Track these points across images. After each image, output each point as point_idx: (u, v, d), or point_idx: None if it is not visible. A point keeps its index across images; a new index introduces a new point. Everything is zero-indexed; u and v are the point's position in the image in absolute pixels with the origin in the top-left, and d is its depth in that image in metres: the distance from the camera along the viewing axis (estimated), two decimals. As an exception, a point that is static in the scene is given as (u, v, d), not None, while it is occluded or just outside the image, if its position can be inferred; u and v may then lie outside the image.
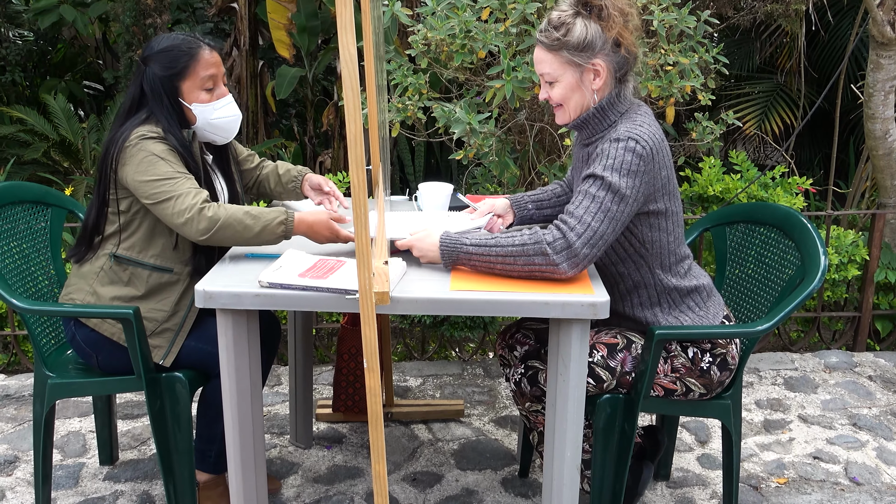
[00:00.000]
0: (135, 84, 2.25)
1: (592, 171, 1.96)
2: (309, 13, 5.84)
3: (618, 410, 2.16)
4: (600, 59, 2.02)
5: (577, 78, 2.05)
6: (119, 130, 2.20)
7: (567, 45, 2.01)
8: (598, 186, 1.94)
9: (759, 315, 2.43)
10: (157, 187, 2.10)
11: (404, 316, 3.56)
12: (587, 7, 2.01)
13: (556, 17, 2.03)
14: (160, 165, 2.11)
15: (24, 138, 6.22)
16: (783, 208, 2.43)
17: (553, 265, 1.89)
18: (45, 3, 6.08)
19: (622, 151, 1.95)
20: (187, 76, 2.22)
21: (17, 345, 3.56)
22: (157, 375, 2.24)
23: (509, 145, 3.30)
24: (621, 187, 1.93)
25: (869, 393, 3.39)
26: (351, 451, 2.91)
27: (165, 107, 2.21)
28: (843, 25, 6.05)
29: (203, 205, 2.07)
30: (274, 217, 2.08)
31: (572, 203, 1.96)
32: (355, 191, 1.60)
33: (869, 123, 3.84)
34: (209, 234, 2.06)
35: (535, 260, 1.90)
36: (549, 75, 2.07)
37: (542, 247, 1.89)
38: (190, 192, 2.09)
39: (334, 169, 5.58)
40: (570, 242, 1.89)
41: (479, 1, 3.06)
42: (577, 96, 2.07)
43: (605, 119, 2.08)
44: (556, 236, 1.90)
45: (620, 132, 1.99)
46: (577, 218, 1.91)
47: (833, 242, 3.70)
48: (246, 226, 2.06)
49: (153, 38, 2.29)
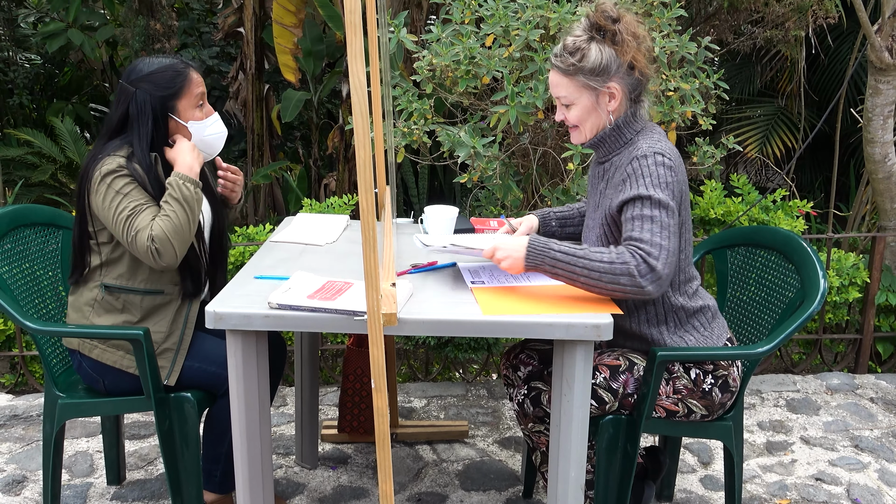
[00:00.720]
0: (120, 107, 2.29)
1: (637, 192, 2.00)
2: (314, 38, 5.92)
3: (620, 431, 2.18)
4: (615, 83, 2.08)
5: (592, 101, 2.11)
6: (93, 158, 2.26)
7: (583, 70, 2.06)
8: (650, 206, 1.98)
9: (760, 337, 2.45)
10: (119, 227, 2.19)
11: (408, 337, 3.59)
12: (601, 32, 2.07)
13: (572, 42, 2.08)
14: (119, 203, 2.19)
15: (31, 161, 6.29)
16: (783, 232, 2.47)
17: (639, 287, 1.92)
18: (53, 28, 6.16)
19: (654, 167, 2.01)
20: (183, 95, 2.30)
21: (24, 365, 3.59)
22: (165, 396, 2.27)
23: (513, 169, 3.34)
24: (668, 200, 1.99)
25: (871, 415, 3.41)
26: (356, 472, 2.93)
27: (149, 128, 2.26)
28: (842, 50, 6.11)
29: (155, 239, 2.16)
30: (177, 187, 2.22)
31: (633, 229, 1.98)
32: (364, 214, 1.64)
33: (868, 147, 3.88)
34: (174, 257, 2.20)
35: (622, 280, 1.92)
36: (566, 98, 2.13)
37: (629, 268, 1.91)
38: (144, 229, 2.17)
39: (339, 191, 5.63)
40: (652, 266, 1.92)
41: (483, 28, 3.11)
42: (593, 118, 2.13)
43: (622, 137, 2.14)
44: (637, 261, 1.93)
45: (643, 148, 2.04)
46: (648, 242, 1.95)
47: (834, 265, 3.73)
48: (181, 221, 2.20)
49: (135, 62, 2.34)
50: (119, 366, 2.29)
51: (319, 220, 2.78)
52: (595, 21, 2.07)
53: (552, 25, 3.01)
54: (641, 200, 1.99)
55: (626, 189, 2.03)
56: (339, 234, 2.64)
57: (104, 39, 6.20)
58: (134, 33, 4.60)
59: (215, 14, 7.63)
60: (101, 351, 2.30)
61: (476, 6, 3.20)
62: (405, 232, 2.71)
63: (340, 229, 2.68)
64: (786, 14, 4.71)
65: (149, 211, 2.20)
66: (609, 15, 2.06)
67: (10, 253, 2.44)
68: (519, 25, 3.03)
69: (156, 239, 2.16)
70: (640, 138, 2.12)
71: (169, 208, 2.21)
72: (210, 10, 7.75)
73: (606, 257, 1.94)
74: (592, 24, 2.08)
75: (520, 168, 3.47)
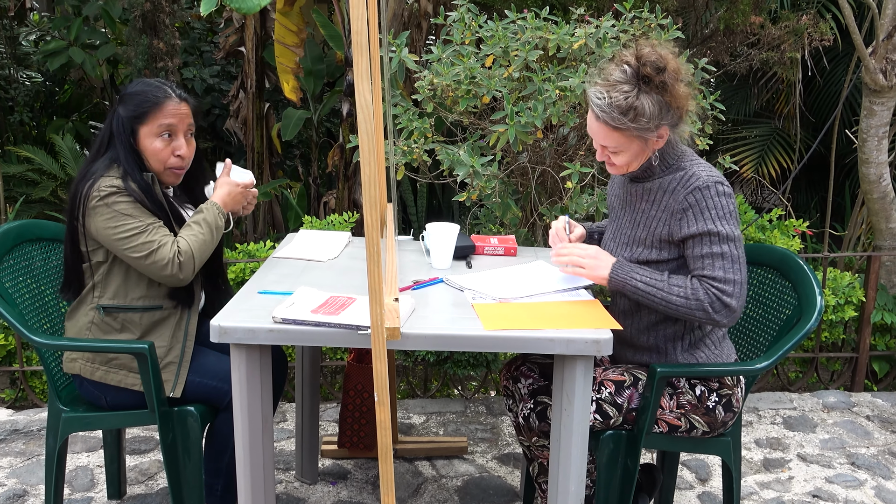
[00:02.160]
0: (107, 122, 2.33)
1: (705, 228, 2.05)
2: (315, 57, 5.97)
3: (621, 446, 2.21)
4: (664, 126, 2.08)
5: (642, 146, 2.12)
6: (84, 178, 2.27)
7: (638, 125, 2.05)
8: (719, 242, 2.05)
9: (757, 355, 2.48)
10: (130, 244, 2.21)
11: (408, 354, 3.61)
12: (647, 82, 2.04)
13: (623, 99, 2.03)
14: (126, 222, 2.21)
15: (32, 177, 6.32)
16: (780, 250, 2.50)
17: (714, 321, 2.05)
18: (55, 46, 6.20)
19: (717, 198, 2.06)
20: (146, 121, 2.29)
21: (24, 381, 3.61)
22: (169, 409, 2.29)
23: (512, 187, 3.37)
24: (734, 231, 2.05)
25: (867, 432, 3.43)
26: (356, 487, 2.94)
27: (125, 148, 2.28)
28: (837, 72, 6.18)
29: (179, 254, 2.22)
30: (213, 214, 2.33)
31: (705, 267, 2.06)
32: (368, 231, 1.67)
33: (863, 168, 3.92)
34: (192, 273, 2.26)
35: (697, 314, 2.05)
36: (614, 148, 2.13)
37: (703, 305, 2.03)
38: (164, 245, 2.21)
39: (339, 209, 5.66)
40: (726, 304, 2.03)
41: (483, 48, 3.16)
42: (640, 158, 2.15)
43: (664, 162, 2.16)
44: (711, 299, 2.03)
45: (703, 178, 2.07)
46: (722, 280, 2.04)
47: (830, 284, 3.77)
48: (205, 241, 2.27)
49: (134, 79, 2.38)
50: (123, 385, 2.31)
51: (321, 237, 2.81)
52: (643, 74, 2.03)
53: (551, 46, 3.06)
54: (710, 236, 2.05)
55: (691, 221, 2.07)
56: (340, 250, 2.67)
57: (105, 58, 6.24)
58: (137, 52, 4.64)
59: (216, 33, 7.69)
60: (103, 373, 2.31)
61: (476, 27, 3.25)
62: (406, 249, 2.74)
63: (342, 245, 2.71)
64: (781, 36, 4.77)
65: (162, 228, 2.24)
66: (657, 66, 2.03)
67: (15, 268, 2.46)
68: (518, 46, 3.07)
69: (183, 253, 2.22)
70: (687, 163, 2.14)
71: (199, 228, 2.27)
72: (211, 29, 7.81)
73: (683, 292, 2.05)
74: (640, 76, 2.04)
75: (519, 186, 3.51)
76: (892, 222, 3.94)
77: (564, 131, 3.22)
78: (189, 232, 2.27)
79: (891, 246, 3.95)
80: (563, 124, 3.06)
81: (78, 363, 2.34)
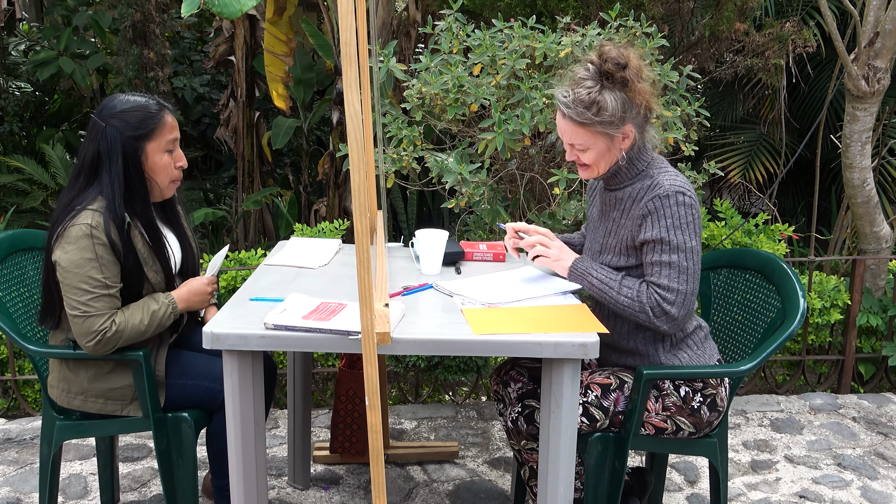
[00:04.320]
0: (91, 143, 2.25)
1: (657, 235, 2.11)
2: (304, 66, 6.00)
3: (609, 449, 2.24)
4: (629, 124, 2.13)
5: (608, 144, 2.16)
6: (65, 211, 2.22)
7: (601, 119, 2.11)
8: (669, 251, 2.10)
9: (743, 357, 2.52)
10: (75, 297, 2.16)
11: (399, 360, 3.63)
12: (610, 79, 2.10)
13: (586, 94, 2.10)
14: (89, 278, 2.16)
15: (22, 187, 6.33)
16: (764, 253, 2.54)
17: (655, 325, 2.13)
18: (45, 56, 6.22)
19: (676, 207, 2.10)
20: (153, 137, 2.27)
21: (17, 389, 3.62)
22: (163, 416, 2.31)
23: (500, 194, 3.41)
24: (687, 242, 2.10)
25: (853, 434, 3.48)
26: (348, 492, 2.96)
27: (119, 168, 2.22)
28: (821, 78, 6.25)
29: (107, 331, 2.17)
30: (164, 312, 2.27)
31: (652, 273, 2.13)
32: (358, 237, 1.70)
33: (847, 172, 3.97)
34: (109, 352, 2.22)
35: (640, 316, 2.14)
36: (580, 145, 2.18)
37: (645, 308, 2.11)
38: (101, 315, 2.17)
39: (329, 217, 5.69)
40: (665, 311, 2.10)
41: (470, 57, 3.20)
42: (607, 158, 2.19)
43: (633, 168, 2.21)
44: (652, 304, 2.11)
45: (665, 186, 2.12)
46: (666, 287, 2.10)
47: (816, 287, 3.81)
48: (140, 332, 2.23)
49: (110, 97, 2.29)
50: (104, 412, 2.32)
51: (312, 244, 2.84)
52: (605, 70, 2.10)
53: (538, 55, 3.10)
54: (662, 244, 2.10)
55: (648, 228, 2.13)
56: (331, 257, 2.70)
57: (95, 67, 6.27)
58: (128, 62, 4.67)
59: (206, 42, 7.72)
60: (81, 401, 2.32)
61: (464, 36, 3.29)
62: (396, 255, 2.77)
63: (333, 252, 2.74)
64: (766, 43, 4.83)
65: (112, 299, 2.20)
66: (618, 62, 2.09)
67: (7, 277, 2.48)
68: (505, 55, 3.11)
69: (114, 332, 2.18)
70: (655, 171, 2.18)
71: (143, 319, 2.23)
72: (201, 38, 7.84)
73: (630, 293, 2.13)
74: (602, 73, 2.11)
75: (507, 193, 3.55)
76: (876, 226, 3.99)
77: (552, 138, 3.26)
78: (134, 316, 2.22)
79: (875, 249, 4.00)
80: (551, 131, 3.10)
81: (55, 390, 2.35)
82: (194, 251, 2.55)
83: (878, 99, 3.83)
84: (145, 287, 2.30)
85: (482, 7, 4.18)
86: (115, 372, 2.30)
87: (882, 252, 4.00)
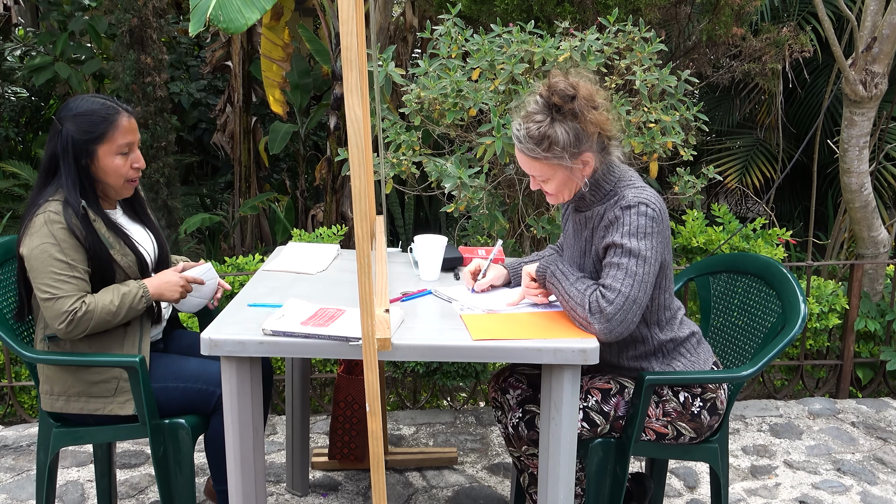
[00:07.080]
0: (50, 143, 2.29)
1: (612, 240, 2.08)
2: (301, 71, 6.00)
3: (610, 454, 2.23)
4: (586, 153, 2.10)
5: (567, 174, 2.13)
6: (31, 207, 2.26)
7: (553, 154, 2.08)
8: (620, 254, 2.06)
9: (743, 362, 2.51)
10: (43, 281, 2.18)
11: (397, 366, 3.62)
12: (560, 111, 2.07)
13: (536, 129, 2.07)
14: (54, 260, 2.18)
15: (18, 192, 6.31)
16: (763, 258, 2.54)
17: (587, 322, 2.04)
18: (40, 61, 6.21)
19: (636, 217, 2.07)
20: (104, 141, 2.27)
21: (13, 396, 3.60)
22: (160, 422, 2.29)
23: (499, 199, 3.40)
24: (641, 250, 2.05)
25: (852, 439, 3.47)
26: (347, 499, 2.95)
27: (72, 170, 2.26)
28: (818, 83, 6.26)
29: (78, 311, 2.18)
30: (134, 294, 2.27)
31: (604, 275, 2.09)
32: (359, 242, 1.69)
33: (845, 177, 3.98)
34: (81, 334, 2.22)
35: (578, 311, 2.06)
36: (540, 177, 2.16)
37: (585, 301, 2.05)
38: (70, 297, 2.18)
39: (326, 222, 5.68)
40: (601, 307, 2.03)
41: (469, 62, 3.19)
42: (569, 186, 2.17)
43: (600, 190, 2.17)
44: (591, 301, 2.05)
45: (629, 198, 2.09)
46: (608, 287, 2.05)
47: (814, 292, 3.81)
48: (111, 312, 2.22)
49: (71, 98, 2.31)
50: (85, 411, 2.31)
51: (310, 250, 2.83)
52: (553, 103, 2.07)
53: (536, 59, 3.10)
54: (615, 248, 2.08)
55: (607, 235, 2.11)
56: (329, 262, 2.69)
57: (91, 73, 6.25)
58: (124, 67, 4.66)
59: (203, 48, 7.72)
60: (63, 403, 2.31)
61: (462, 41, 3.29)
62: (394, 261, 2.76)
63: (331, 258, 2.73)
64: (763, 48, 4.84)
65: (80, 281, 2.21)
66: (565, 94, 2.06)
67: (3, 283, 2.47)
68: (504, 59, 3.11)
69: (84, 313, 2.18)
70: (623, 188, 2.15)
71: (113, 301, 2.23)
72: (198, 43, 7.84)
73: (581, 287, 2.09)
74: (550, 105, 2.07)
75: (506, 198, 3.54)
76: (873, 231, 3.99)
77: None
78: (104, 297, 2.23)
79: (873, 254, 4.00)
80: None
81: (43, 396, 2.34)
82: (165, 243, 2.56)
83: (876, 104, 3.84)
84: (118, 273, 2.32)
85: (479, 13, 4.17)
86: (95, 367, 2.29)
87: (880, 256, 4.00)
